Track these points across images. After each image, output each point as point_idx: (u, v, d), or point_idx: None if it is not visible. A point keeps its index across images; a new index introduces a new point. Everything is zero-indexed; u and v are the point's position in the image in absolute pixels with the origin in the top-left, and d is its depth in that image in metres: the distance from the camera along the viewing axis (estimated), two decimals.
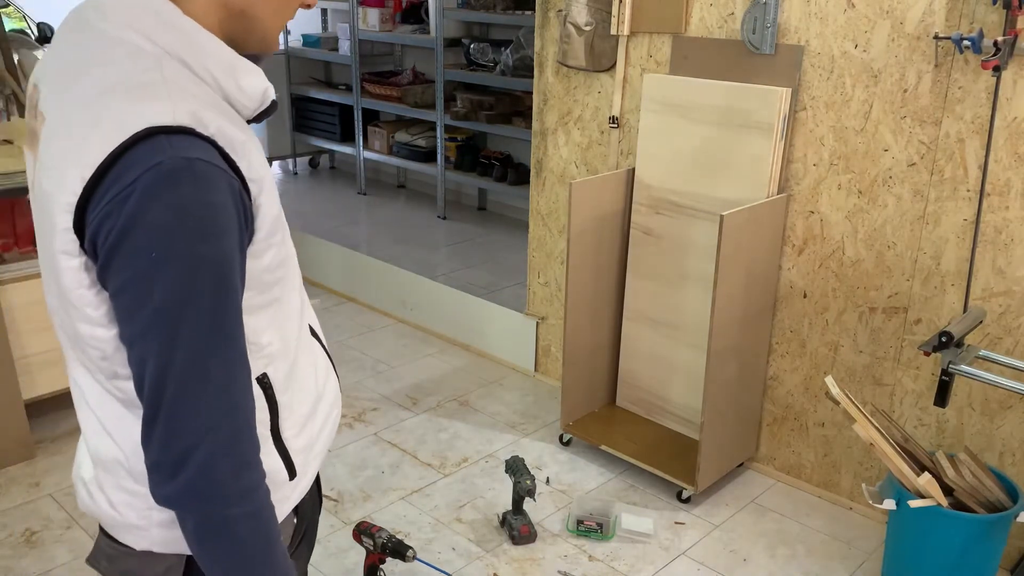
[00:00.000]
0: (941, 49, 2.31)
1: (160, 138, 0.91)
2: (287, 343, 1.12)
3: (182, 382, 0.93)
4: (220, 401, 0.96)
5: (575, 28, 3.02)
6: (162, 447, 0.95)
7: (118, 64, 0.95)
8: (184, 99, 0.94)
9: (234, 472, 0.97)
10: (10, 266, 2.92)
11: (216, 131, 0.95)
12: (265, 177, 1.01)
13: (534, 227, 3.51)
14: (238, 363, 0.98)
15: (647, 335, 3.05)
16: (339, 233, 4.80)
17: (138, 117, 0.91)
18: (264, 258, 1.03)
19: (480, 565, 2.52)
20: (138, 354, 0.95)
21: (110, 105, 0.93)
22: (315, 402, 1.20)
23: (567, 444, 3.14)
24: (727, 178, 2.71)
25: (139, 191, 0.89)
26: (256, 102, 1.04)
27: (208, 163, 0.92)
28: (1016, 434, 2.41)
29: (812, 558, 2.58)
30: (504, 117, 4.85)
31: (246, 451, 0.99)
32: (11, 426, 2.91)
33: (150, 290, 0.91)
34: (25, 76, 3.94)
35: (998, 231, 2.33)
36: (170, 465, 0.95)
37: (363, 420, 3.30)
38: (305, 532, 1.27)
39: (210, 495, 0.96)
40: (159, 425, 0.94)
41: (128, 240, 0.90)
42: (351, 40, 5.45)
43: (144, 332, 0.93)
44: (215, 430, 0.95)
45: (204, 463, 0.95)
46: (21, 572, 2.45)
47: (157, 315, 0.92)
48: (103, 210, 0.91)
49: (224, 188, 0.94)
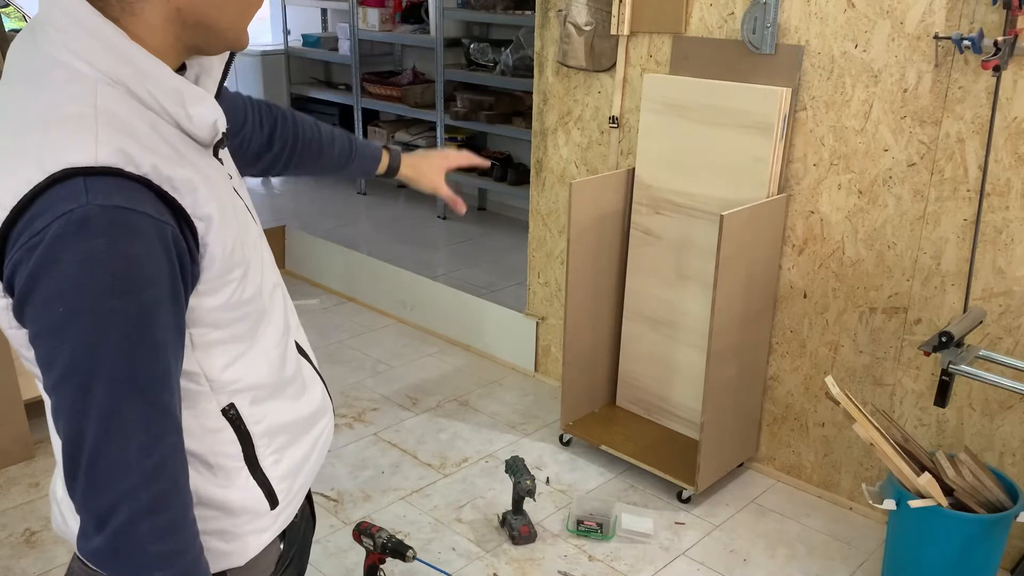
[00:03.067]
0: (941, 49, 2.31)
1: (77, 181, 0.84)
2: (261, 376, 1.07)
3: (96, 443, 0.88)
4: (140, 462, 0.89)
5: (575, 28, 3.02)
6: (83, 504, 0.90)
7: (51, 90, 0.89)
8: (114, 135, 0.87)
9: (155, 535, 0.91)
10: None
11: (150, 170, 0.87)
12: (215, 215, 0.94)
13: (534, 227, 3.51)
14: (161, 421, 0.91)
15: (647, 335, 3.05)
16: (339, 233, 4.80)
17: (58, 156, 0.85)
18: (215, 297, 0.97)
19: (480, 565, 2.52)
20: (54, 406, 0.90)
21: (33, 138, 0.87)
22: (301, 428, 1.15)
23: (567, 444, 3.14)
24: (727, 178, 2.71)
25: (47, 240, 0.83)
26: (208, 131, 0.97)
27: (129, 210, 0.85)
28: (1016, 434, 2.41)
29: (812, 558, 2.58)
30: (504, 117, 4.85)
31: (171, 514, 0.93)
32: (11, 426, 2.91)
33: (59, 346, 0.86)
34: None
35: (998, 231, 2.32)
36: (92, 523, 0.91)
37: (363, 420, 3.30)
38: (294, 556, 1.23)
39: (129, 558, 0.91)
40: (79, 482, 0.90)
41: (37, 291, 0.85)
42: (351, 40, 5.45)
43: (56, 388, 0.88)
44: (133, 494, 0.89)
45: (123, 525, 0.90)
46: (21, 572, 2.45)
47: (67, 373, 0.87)
48: (16, 255, 0.85)
49: (149, 235, 0.86)
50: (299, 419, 1.15)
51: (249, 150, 1.42)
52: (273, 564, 1.16)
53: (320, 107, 6.00)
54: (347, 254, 4.46)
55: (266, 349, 1.08)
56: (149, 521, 0.91)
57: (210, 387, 1.02)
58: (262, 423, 1.08)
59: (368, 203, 5.56)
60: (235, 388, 1.04)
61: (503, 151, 5.14)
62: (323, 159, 1.54)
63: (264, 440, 1.09)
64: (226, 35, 0.98)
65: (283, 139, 1.46)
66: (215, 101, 0.99)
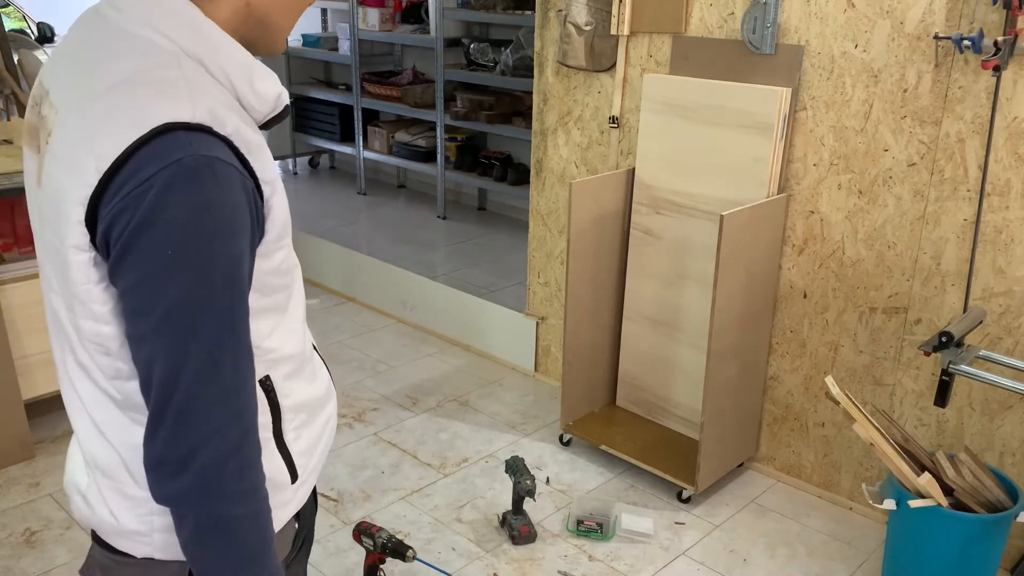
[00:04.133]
0: (941, 49, 2.31)
1: (179, 134, 0.90)
2: (292, 349, 1.12)
3: (194, 382, 0.92)
4: (229, 402, 0.95)
5: (575, 28, 3.02)
6: (168, 445, 0.94)
7: (135, 58, 0.95)
8: (203, 97, 0.93)
9: (239, 473, 0.96)
10: (10, 266, 2.92)
11: (233, 131, 0.94)
12: (277, 180, 1.01)
13: (534, 227, 3.51)
14: (247, 365, 0.98)
15: (647, 335, 3.05)
16: (339, 233, 4.80)
17: (157, 112, 0.90)
18: (273, 259, 1.03)
19: (480, 565, 2.52)
20: (148, 352, 0.93)
21: (127, 98, 0.92)
22: (316, 408, 1.19)
23: (567, 444, 3.14)
24: (727, 178, 2.71)
25: (158, 187, 0.88)
26: (269, 106, 1.03)
27: (226, 163, 0.92)
28: (1016, 434, 2.41)
29: (812, 558, 2.58)
30: (504, 117, 4.85)
31: (250, 453, 0.98)
32: (11, 426, 2.91)
33: (165, 288, 0.90)
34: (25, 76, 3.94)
35: (998, 231, 2.32)
36: (175, 463, 0.94)
37: (363, 420, 3.30)
38: (305, 537, 1.27)
39: (215, 494, 0.95)
40: (167, 423, 0.93)
41: (145, 236, 0.89)
42: (351, 40, 5.45)
43: (156, 330, 0.92)
44: (223, 430, 0.95)
45: (211, 462, 0.94)
46: (21, 572, 2.45)
47: (171, 313, 0.91)
48: (118, 204, 0.89)
49: (239, 188, 0.93)
50: (314, 399, 1.18)
51: None
52: (290, 543, 1.20)
53: (320, 107, 6.01)
54: (347, 254, 4.46)
55: (295, 323, 1.13)
56: (234, 459, 0.96)
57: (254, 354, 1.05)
58: (289, 398, 1.12)
59: (368, 203, 5.56)
60: (272, 358, 1.08)
61: (503, 151, 5.14)
62: None
63: (290, 415, 1.13)
64: (278, 36, 1.06)
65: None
66: (277, 76, 1.05)
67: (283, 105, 1.05)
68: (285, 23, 1.06)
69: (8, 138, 3.35)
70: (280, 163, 6.42)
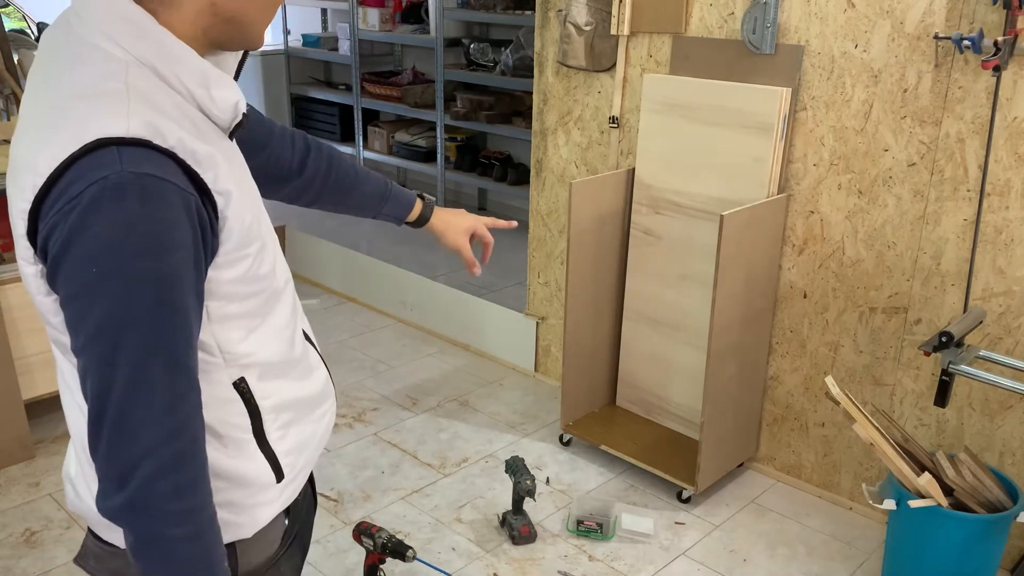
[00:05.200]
0: (941, 49, 2.31)
1: (111, 150, 0.89)
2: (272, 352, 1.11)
3: (122, 401, 0.92)
4: (162, 421, 0.94)
5: (575, 28, 3.02)
6: (106, 461, 0.94)
7: (86, 69, 0.95)
8: (144, 110, 0.92)
9: (175, 493, 0.95)
10: (10, 266, 2.92)
11: (176, 143, 0.93)
12: (233, 190, 0.99)
13: (534, 227, 3.50)
14: (183, 383, 0.96)
15: (647, 335, 3.05)
16: (339, 233, 4.79)
17: (92, 126, 0.90)
18: (233, 269, 1.02)
19: (480, 565, 2.52)
20: (82, 367, 0.94)
21: (69, 112, 0.92)
22: (307, 406, 1.19)
23: (567, 444, 3.14)
24: (727, 178, 2.71)
25: (83, 205, 0.88)
26: (229, 113, 1.02)
27: (159, 178, 0.90)
28: (1016, 434, 2.41)
29: (812, 558, 2.58)
30: (504, 117, 4.85)
31: (190, 473, 0.97)
32: (11, 426, 2.91)
33: (91, 306, 0.90)
34: (25, 76, 3.95)
35: (998, 231, 2.32)
36: (113, 479, 0.94)
37: (363, 420, 3.30)
38: (297, 533, 1.27)
39: (147, 514, 0.94)
40: (102, 439, 0.93)
41: (71, 253, 0.89)
42: (351, 40, 5.44)
43: (86, 347, 0.92)
44: (157, 449, 0.93)
45: (144, 482, 0.93)
46: (21, 572, 2.45)
47: (98, 331, 0.91)
48: (51, 220, 0.90)
49: (176, 203, 0.91)
50: (304, 399, 1.18)
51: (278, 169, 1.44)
52: (279, 539, 1.20)
53: (320, 107, 6.00)
54: (347, 254, 4.46)
55: (277, 328, 1.12)
56: (170, 478, 0.95)
57: (223, 359, 1.05)
58: (270, 399, 1.12)
59: None
60: (246, 362, 1.08)
61: (503, 151, 5.14)
62: (355, 195, 1.55)
63: (271, 415, 1.12)
64: (251, 31, 1.04)
65: (315, 166, 1.48)
66: (236, 84, 1.04)
67: (240, 113, 1.04)
68: (259, 17, 1.04)
69: (8, 138, 3.35)
70: None
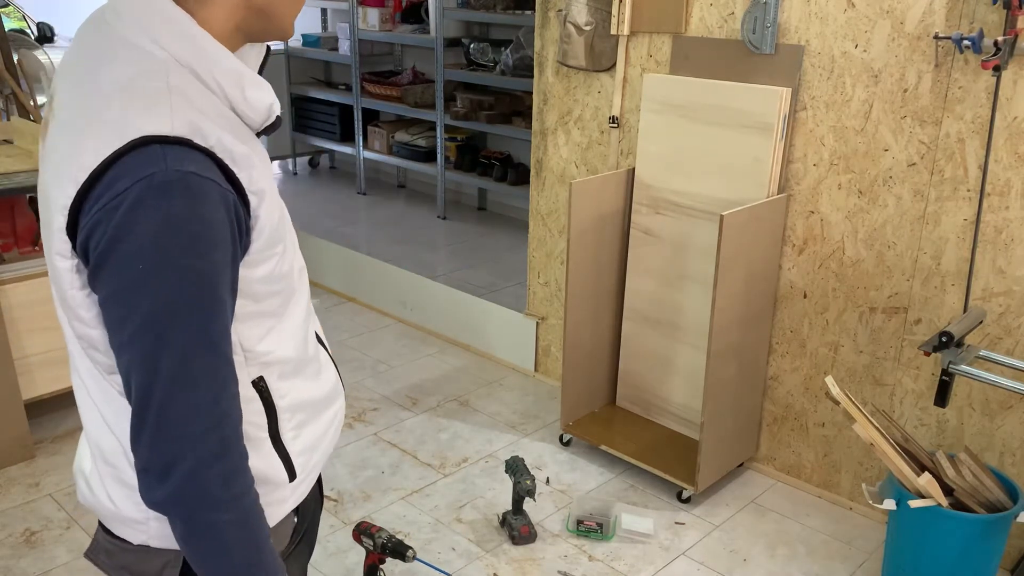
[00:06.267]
0: (941, 49, 2.31)
1: (155, 148, 0.91)
2: (289, 351, 1.13)
3: (169, 391, 0.94)
4: (207, 411, 0.96)
5: (575, 28, 3.02)
6: (151, 452, 0.96)
7: (126, 68, 0.96)
8: (186, 109, 0.94)
9: (221, 480, 0.97)
10: (10, 266, 2.92)
11: (215, 143, 0.95)
12: (266, 190, 1.02)
13: (534, 227, 3.51)
14: (225, 373, 0.98)
15: (647, 335, 3.05)
16: (339, 233, 4.80)
17: (136, 124, 0.91)
18: (260, 268, 1.04)
19: (480, 565, 2.52)
20: (126, 362, 0.95)
21: (111, 109, 0.93)
22: (319, 406, 1.20)
23: (567, 444, 3.14)
24: (727, 178, 2.71)
25: (130, 201, 0.89)
26: (262, 115, 1.05)
27: (201, 176, 0.92)
28: (1016, 434, 2.41)
29: (812, 558, 2.58)
30: (504, 117, 4.85)
31: (234, 460, 0.99)
32: (11, 426, 2.91)
33: (137, 301, 0.92)
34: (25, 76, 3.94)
35: (998, 231, 2.32)
36: (158, 470, 0.96)
37: (363, 420, 3.30)
38: (305, 532, 1.28)
39: (197, 502, 0.96)
40: (147, 431, 0.95)
41: (117, 250, 0.91)
42: (351, 40, 5.44)
43: (131, 341, 0.94)
44: (203, 438, 0.96)
45: (191, 471, 0.95)
46: (21, 572, 2.45)
47: (144, 326, 0.92)
48: (94, 216, 0.91)
49: (216, 201, 0.94)
50: (317, 398, 1.19)
51: None
52: (288, 536, 1.22)
53: (320, 107, 6.01)
54: (347, 254, 4.46)
55: (293, 326, 1.14)
56: (216, 466, 0.97)
57: (244, 358, 1.07)
58: (286, 398, 1.13)
59: (368, 203, 5.56)
60: (266, 361, 1.09)
61: (503, 151, 5.14)
62: None
63: (287, 415, 1.14)
64: (282, 22, 1.06)
65: None
66: (269, 85, 1.06)
67: (275, 115, 1.06)
68: (289, 9, 1.06)
69: (8, 138, 3.35)
70: (280, 163, 6.43)
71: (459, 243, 4.79)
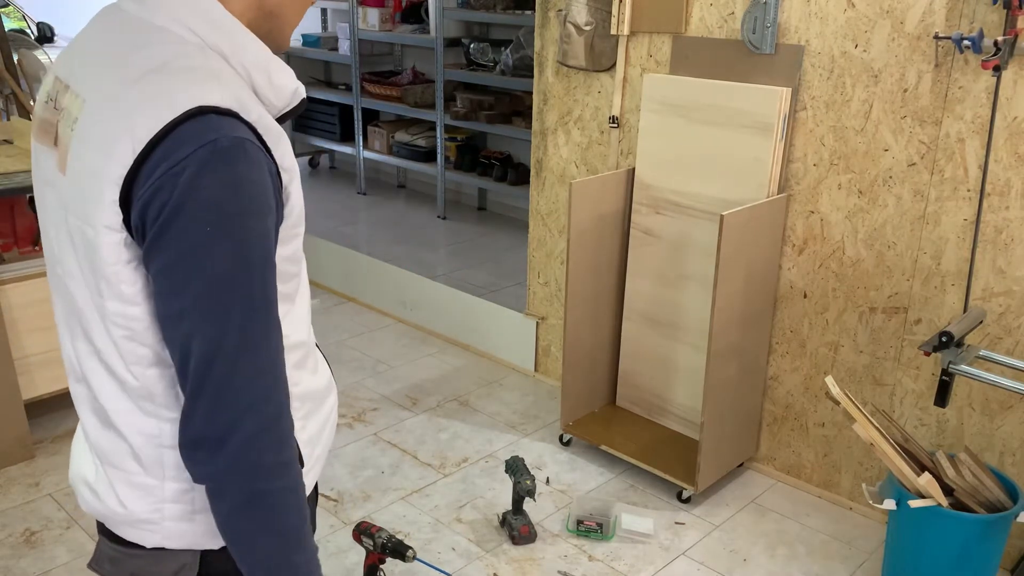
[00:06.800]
0: (941, 49, 2.31)
1: (212, 117, 0.93)
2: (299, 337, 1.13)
3: (233, 356, 0.95)
4: (265, 376, 0.97)
5: (575, 28, 3.02)
6: (207, 421, 0.96)
7: (163, 47, 0.98)
8: (232, 85, 0.97)
9: (276, 446, 0.98)
10: (10, 266, 2.92)
11: (257, 118, 0.98)
12: (294, 168, 1.04)
13: (534, 227, 3.51)
14: (279, 340, 1.00)
15: (647, 335, 3.05)
16: (339, 233, 4.80)
17: (189, 95, 0.93)
18: (288, 246, 1.05)
19: (480, 565, 2.52)
20: (186, 328, 0.95)
21: (160, 83, 0.95)
22: (319, 399, 1.20)
23: (567, 444, 3.14)
24: (727, 178, 2.71)
25: (194, 166, 0.90)
26: (285, 100, 1.06)
27: (255, 145, 0.95)
28: (1016, 434, 2.41)
29: (812, 558, 2.58)
30: (504, 117, 4.85)
31: (285, 427, 1.01)
32: (11, 426, 2.91)
33: (203, 264, 0.92)
34: (25, 76, 3.94)
35: (998, 231, 2.32)
36: (214, 439, 0.96)
37: (363, 420, 3.30)
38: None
39: (254, 468, 0.97)
40: (204, 399, 0.95)
41: (182, 215, 0.91)
42: (351, 40, 5.45)
43: (195, 306, 0.94)
44: (260, 405, 0.97)
45: (249, 437, 0.96)
46: (21, 572, 2.45)
47: (210, 289, 0.93)
48: (154, 184, 0.91)
49: (266, 170, 0.97)
50: (316, 391, 1.20)
51: None
52: None
53: (320, 107, 6.01)
54: (347, 254, 4.46)
55: (304, 313, 1.15)
56: (270, 433, 0.98)
57: None
58: (298, 386, 1.14)
59: (368, 203, 5.56)
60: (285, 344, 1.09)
61: (503, 151, 5.14)
62: None
63: (296, 403, 1.14)
64: (285, 30, 1.09)
65: None
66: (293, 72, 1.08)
67: (299, 99, 1.08)
68: (293, 17, 1.09)
69: (8, 138, 3.35)
70: None
71: (459, 243, 4.79)
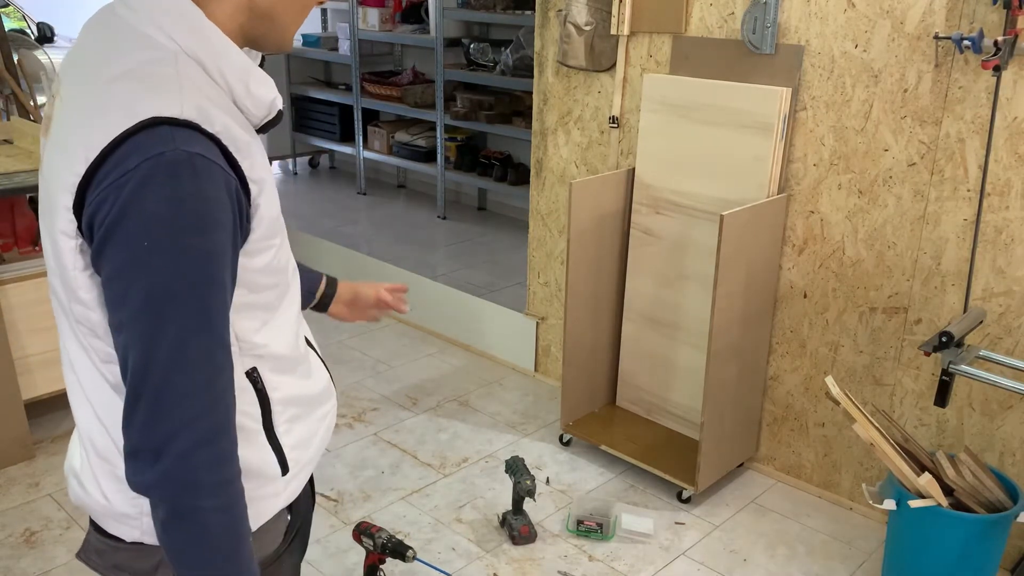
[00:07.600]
0: (941, 49, 2.31)
1: (164, 128, 0.92)
2: (282, 347, 1.13)
3: (166, 370, 0.94)
4: (202, 394, 0.96)
5: (575, 28, 3.02)
6: (142, 433, 0.96)
7: (136, 54, 0.98)
8: (194, 95, 0.96)
9: (212, 464, 0.97)
10: (10, 266, 2.92)
11: (221, 129, 0.97)
12: (266, 179, 1.03)
13: (534, 227, 3.51)
14: (222, 357, 0.99)
15: (647, 335, 3.05)
16: (339, 233, 4.80)
17: (146, 106, 0.93)
18: (259, 258, 1.05)
19: (480, 565, 2.52)
20: (124, 340, 0.96)
21: (121, 91, 0.95)
22: (311, 404, 1.20)
23: (567, 444, 3.14)
24: (727, 178, 2.71)
25: (137, 179, 0.91)
26: (264, 110, 1.06)
27: (207, 159, 0.94)
28: (1016, 434, 2.41)
29: (812, 558, 2.58)
30: (504, 117, 4.85)
31: (225, 446, 0.99)
32: (11, 426, 2.91)
33: (139, 278, 0.93)
34: (25, 76, 3.94)
35: (998, 231, 2.32)
36: (149, 451, 0.96)
37: (363, 420, 3.30)
38: (298, 530, 1.28)
39: (186, 485, 0.96)
40: (140, 411, 0.95)
41: (122, 227, 0.92)
42: (351, 40, 5.45)
43: (132, 318, 0.94)
44: (196, 421, 0.96)
45: (182, 452, 0.95)
46: (21, 572, 2.45)
47: (145, 303, 0.93)
48: (102, 194, 0.92)
49: (220, 185, 0.95)
50: (308, 396, 1.20)
51: None
52: (282, 534, 1.22)
53: (320, 107, 6.01)
54: (347, 254, 4.46)
55: (287, 324, 1.14)
56: (206, 450, 0.97)
57: (239, 348, 1.07)
58: (279, 391, 1.14)
59: (368, 203, 5.56)
60: (259, 353, 1.10)
61: (503, 151, 5.14)
62: None
63: (280, 407, 1.14)
64: (284, 32, 1.09)
65: None
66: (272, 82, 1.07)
67: (276, 110, 1.07)
68: (291, 20, 1.08)
69: (8, 138, 3.35)
70: (280, 163, 6.43)
71: (459, 243, 4.79)
